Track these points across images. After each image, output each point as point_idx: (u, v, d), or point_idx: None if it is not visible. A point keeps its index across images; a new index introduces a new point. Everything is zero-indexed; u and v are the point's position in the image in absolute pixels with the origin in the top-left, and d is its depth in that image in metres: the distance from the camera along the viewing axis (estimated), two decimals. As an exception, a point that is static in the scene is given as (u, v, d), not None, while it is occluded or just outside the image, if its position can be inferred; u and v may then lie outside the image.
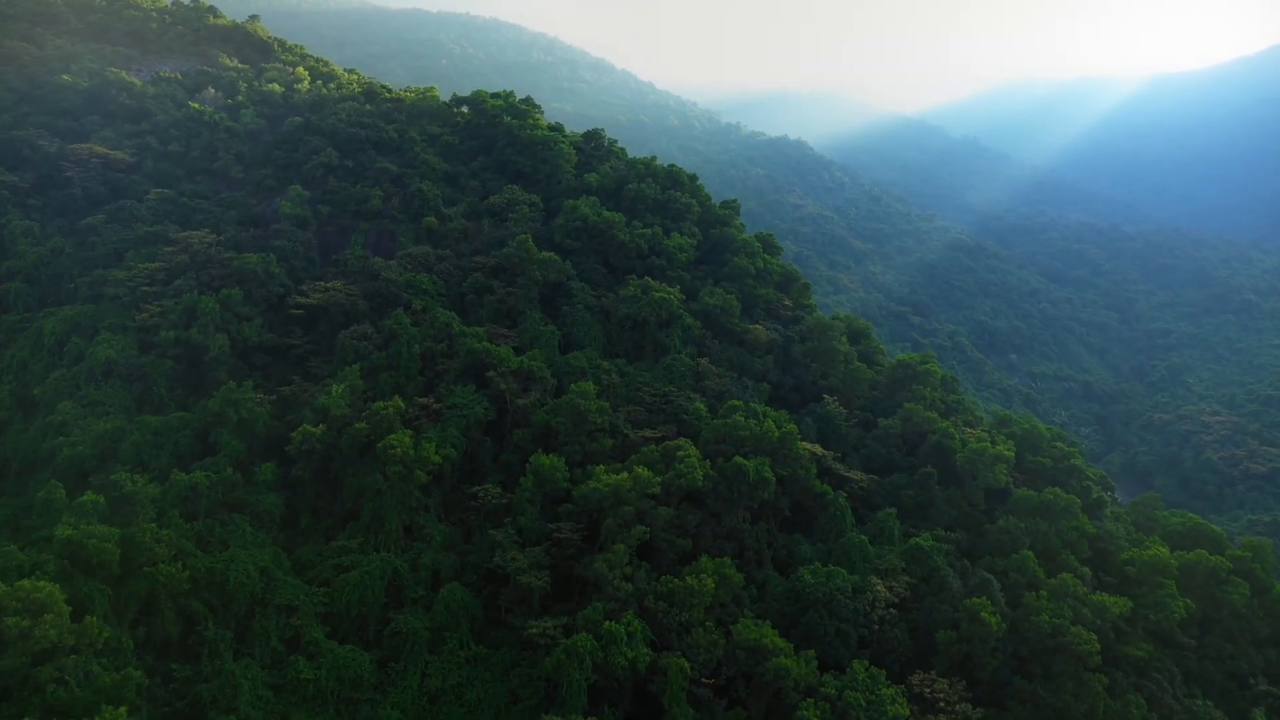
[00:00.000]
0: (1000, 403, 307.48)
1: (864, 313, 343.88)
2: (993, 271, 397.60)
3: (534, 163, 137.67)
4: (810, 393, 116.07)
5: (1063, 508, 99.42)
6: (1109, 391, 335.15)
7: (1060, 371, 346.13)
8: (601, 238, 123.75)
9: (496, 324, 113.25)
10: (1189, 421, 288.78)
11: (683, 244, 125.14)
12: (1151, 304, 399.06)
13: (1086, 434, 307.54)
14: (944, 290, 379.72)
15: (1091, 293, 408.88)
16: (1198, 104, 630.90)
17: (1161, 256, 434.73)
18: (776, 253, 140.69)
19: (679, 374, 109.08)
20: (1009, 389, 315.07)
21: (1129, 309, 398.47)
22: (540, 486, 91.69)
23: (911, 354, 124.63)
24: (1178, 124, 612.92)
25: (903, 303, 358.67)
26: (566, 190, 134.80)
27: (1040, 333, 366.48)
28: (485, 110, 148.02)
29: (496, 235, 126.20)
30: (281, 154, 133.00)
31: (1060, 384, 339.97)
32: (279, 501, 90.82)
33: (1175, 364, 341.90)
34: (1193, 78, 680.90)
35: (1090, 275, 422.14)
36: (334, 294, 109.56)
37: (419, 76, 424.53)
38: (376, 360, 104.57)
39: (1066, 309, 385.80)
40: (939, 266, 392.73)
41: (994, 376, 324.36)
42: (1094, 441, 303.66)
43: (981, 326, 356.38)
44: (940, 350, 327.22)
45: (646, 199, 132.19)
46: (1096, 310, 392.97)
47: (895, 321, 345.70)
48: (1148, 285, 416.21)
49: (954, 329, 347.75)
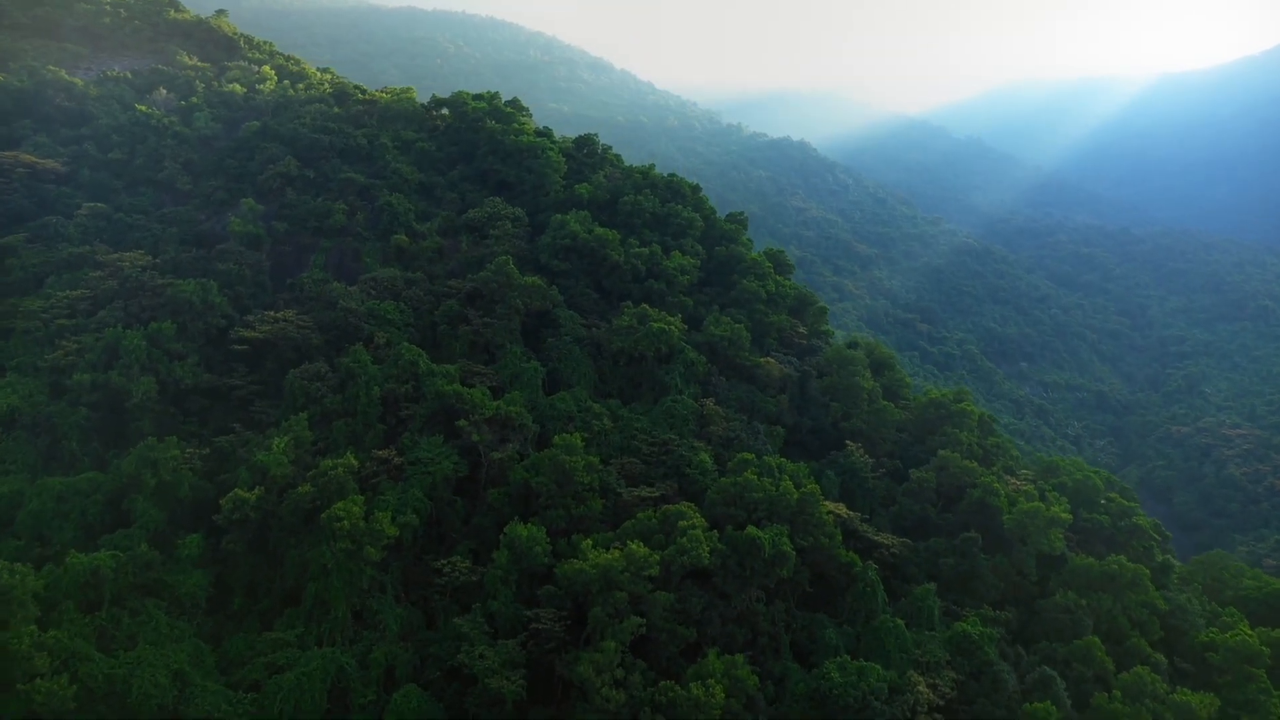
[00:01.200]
0: (1012, 414, 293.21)
1: (870, 321, 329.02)
2: (1001, 277, 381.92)
3: (519, 172, 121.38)
4: (830, 437, 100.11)
5: (1129, 580, 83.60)
6: (1123, 402, 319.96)
7: (1072, 380, 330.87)
8: (593, 258, 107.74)
9: (472, 359, 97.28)
10: (1209, 435, 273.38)
11: (684, 265, 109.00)
12: (1164, 310, 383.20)
13: (1101, 446, 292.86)
14: (951, 296, 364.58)
15: (1102, 298, 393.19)
16: (1203, 104, 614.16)
17: (1173, 260, 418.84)
18: (788, 271, 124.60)
19: (680, 418, 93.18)
20: (1020, 400, 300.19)
21: (1141, 315, 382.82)
22: (516, 562, 75.92)
23: (943, 390, 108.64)
24: (1183, 124, 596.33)
25: (910, 309, 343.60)
26: (554, 203, 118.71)
27: (1051, 340, 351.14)
28: (466, 113, 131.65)
29: (475, 254, 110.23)
30: (235, 163, 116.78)
31: (1073, 394, 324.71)
32: (205, 581, 75.08)
33: (1192, 373, 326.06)
34: (1197, 77, 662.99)
35: (1100, 280, 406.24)
36: (284, 326, 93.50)
37: (413, 76, 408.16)
38: (330, 405, 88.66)
39: (1077, 315, 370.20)
40: (946, 271, 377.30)
41: (1005, 386, 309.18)
42: (1109, 455, 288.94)
43: (991, 334, 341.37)
44: (949, 359, 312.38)
45: (644, 213, 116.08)
46: (1108, 316, 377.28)
47: (903, 329, 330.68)
48: (1159, 290, 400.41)
49: (962, 336, 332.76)
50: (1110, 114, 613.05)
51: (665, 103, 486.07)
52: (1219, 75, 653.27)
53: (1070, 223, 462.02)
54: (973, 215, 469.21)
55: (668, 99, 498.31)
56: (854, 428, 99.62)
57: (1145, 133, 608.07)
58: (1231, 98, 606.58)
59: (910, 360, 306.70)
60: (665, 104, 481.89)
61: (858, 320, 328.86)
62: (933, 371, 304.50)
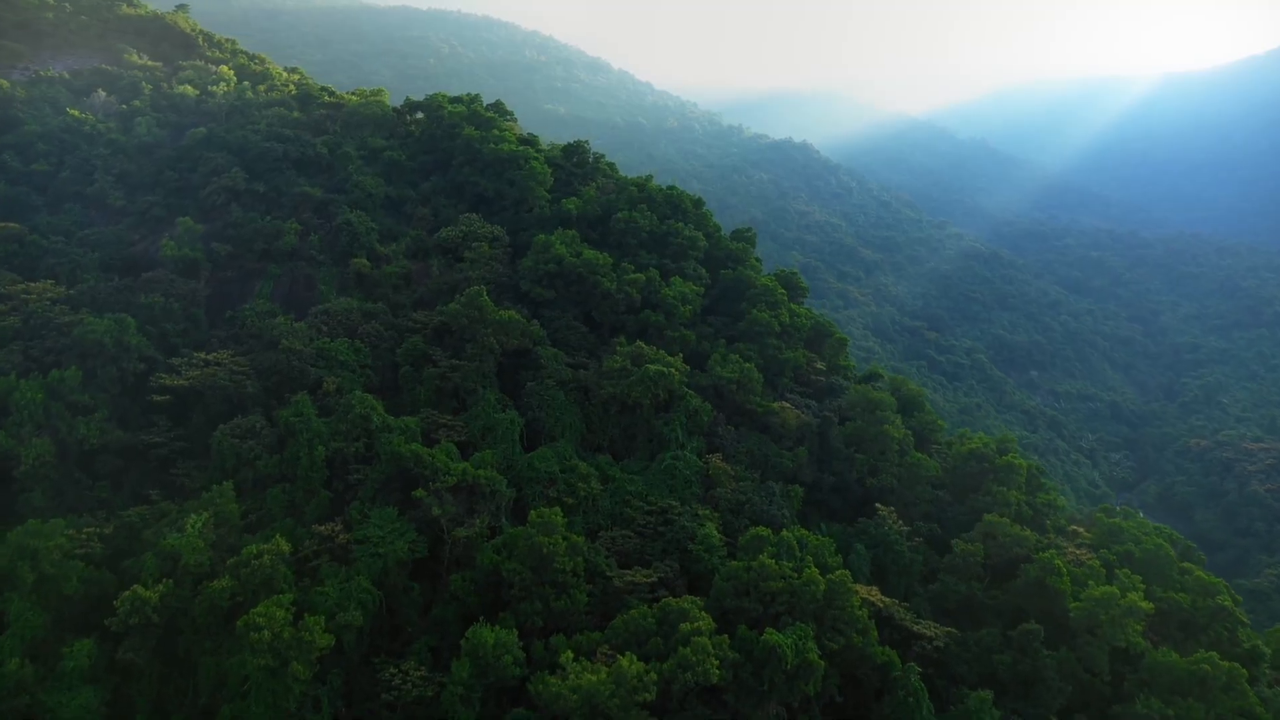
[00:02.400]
0: (1024, 426, 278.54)
1: (877, 329, 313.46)
2: (1009, 282, 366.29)
3: (499, 185, 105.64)
4: (855, 496, 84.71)
5: (1223, 683, 68.24)
6: (1138, 412, 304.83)
7: (1085, 390, 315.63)
8: (581, 285, 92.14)
9: (439, 407, 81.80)
10: (1230, 449, 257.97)
11: (686, 293, 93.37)
12: (1177, 316, 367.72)
13: (1117, 460, 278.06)
14: (959, 302, 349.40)
15: (1113, 304, 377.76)
16: (1208, 105, 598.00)
17: (1184, 265, 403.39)
18: (802, 295, 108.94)
19: (682, 478, 77.80)
20: (1032, 411, 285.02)
21: (1153, 321, 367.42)
22: (480, 674, 60.53)
23: (983, 437, 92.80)
24: (1188, 125, 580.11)
25: (917, 317, 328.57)
26: (539, 220, 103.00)
27: (1062, 348, 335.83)
28: (441, 118, 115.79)
29: (447, 280, 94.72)
30: (176, 175, 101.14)
31: (1085, 404, 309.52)
32: (98, 700, 59.77)
33: (1209, 383, 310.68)
34: (1201, 78, 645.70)
35: (1111, 285, 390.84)
36: (214, 371, 77.95)
37: (405, 77, 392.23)
38: (265, 468, 73.25)
39: (1088, 322, 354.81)
40: (953, 277, 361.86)
41: (1016, 397, 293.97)
42: (1125, 469, 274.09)
43: (1000, 341, 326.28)
44: (958, 369, 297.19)
45: (639, 232, 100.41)
46: (1119, 323, 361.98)
47: (910, 337, 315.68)
48: (1171, 296, 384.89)
49: (971, 345, 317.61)
50: (1114, 115, 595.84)
51: (664, 103, 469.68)
52: (1223, 75, 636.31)
53: (1078, 226, 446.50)
54: (978, 218, 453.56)
55: (667, 99, 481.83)
56: (883, 485, 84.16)
57: (1149, 134, 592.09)
58: (1237, 98, 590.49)
59: (918, 370, 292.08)
60: (664, 105, 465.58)
61: (864, 329, 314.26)
62: (941, 382, 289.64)
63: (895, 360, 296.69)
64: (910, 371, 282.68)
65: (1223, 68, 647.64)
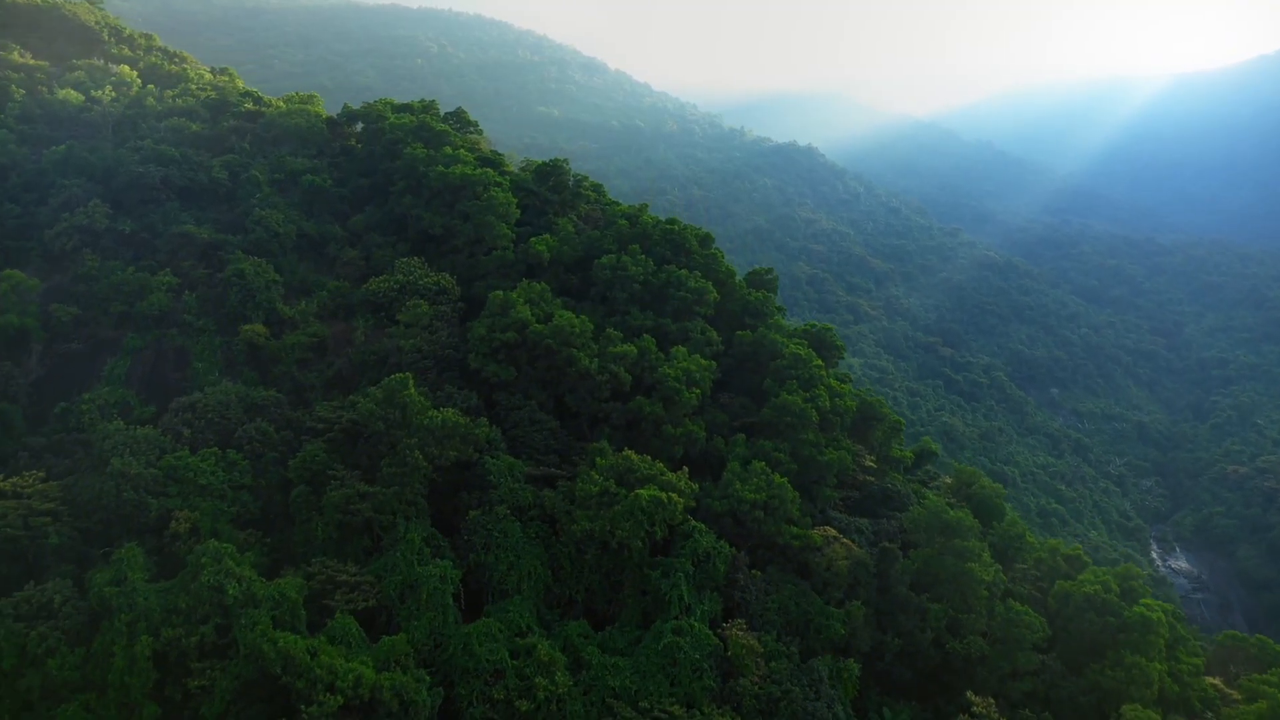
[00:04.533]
0: (1049, 450, 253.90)
1: (889, 345, 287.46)
2: (1026, 293, 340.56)
3: (449, 219, 78.98)
4: (930, 663, 58.66)
5: None
6: (1166, 433, 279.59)
7: (1109, 409, 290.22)
8: (550, 361, 65.94)
9: (342, 551, 55.87)
10: (1271, 477, 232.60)
11: (693, 371, 66.92)
12: (1201, 328, 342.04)
13: (1148, 488, 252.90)
14: (973, 315, 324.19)
15: (1133, 315, 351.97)
16: (1218, 105, 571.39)
17: (1206, 273, 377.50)
18: (837, 355, 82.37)
19: (688, 664, 51.84)
20: (1056, 434, 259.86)
21: (1176, 334, 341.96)
22: None
23: (1099, 573, 65.71)
24: (1198, 126, 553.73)
25: (930, 331, 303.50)
26: (500, 266, 76.53)
27: (1083, 363, 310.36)
28: (382, 132, 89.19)
29: (375, 349, 68.72)
30: (17, 210, 74.90)
31: (1110, 424, 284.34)
32: None
33: (1242, 403, 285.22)
34: (1210, 78, 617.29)
35: (1130, 295, 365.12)
36: (7, 509, 52.00)
37: (392, 78, 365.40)
38: (61, 671, 47.40)
39: (1109, 335, 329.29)
40: (967, 288, 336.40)
41: (1038, 419, 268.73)
42: (1157, 498, 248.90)
43: (1018, 357, 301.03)
44: (976, 388, 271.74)
45: (631, 283, 73.95)
46: (1141, 336, 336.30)
47: (924, 354, 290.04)
48: (1194, 306, 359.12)
49: (989, 361, 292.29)
50: (1122, 116, 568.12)
51: (663, 105, 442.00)
52: (1232, 75, 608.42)
53: (1091, 231, 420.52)
54: (988, 224, 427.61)
55: (666, 101, 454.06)
56: (970, 652, 58.08)
57: (1157, 135, 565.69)
58: (1248, 98, 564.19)
59: (934, 391, 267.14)
60: (663, 107, 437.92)
61: (875, 345, 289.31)
62: (959, 403, 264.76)
63: (910, 379, 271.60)
64: (926, 392, 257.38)
65: (1231, 67, 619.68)
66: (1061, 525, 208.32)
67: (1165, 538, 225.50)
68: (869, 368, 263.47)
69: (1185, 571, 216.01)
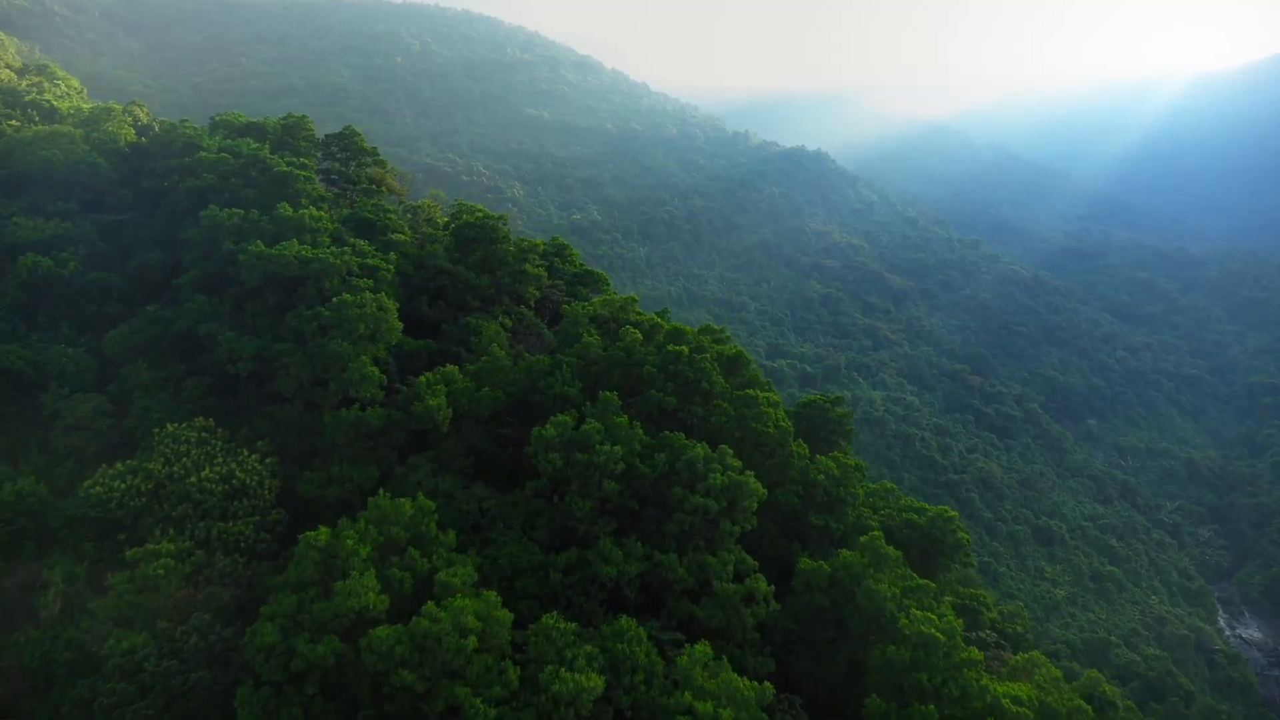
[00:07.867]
0: (1094, 497, 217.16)
1: (912, 374, 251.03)
2: (1055, 311, 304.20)
3: (269, 345, 42.22)
4: None
5: None
6: (1219, 472, 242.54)
7: (1154, 444, 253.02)
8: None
9: None
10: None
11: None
12: (1246, 350, 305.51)
13: (1206, 538, 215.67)
14: (1001, 337, 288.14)
15: (1170, 335, 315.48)
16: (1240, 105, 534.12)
17: (1245, 288, 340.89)
18: (962, 561, 45.96)
19: None
20: (1100, 475, 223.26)
21: (1219, 356, 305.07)
22: None
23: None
24: (1220, 128, 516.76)
25: (955, 356, 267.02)
26: (354, 435, 39.74)
27: (1121, 390, 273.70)
28: (192, 172, 52.00)
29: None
30: None
31: (1156, 461, 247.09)
32: None
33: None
34: (1230, 77, 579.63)
35: (1165, 312, 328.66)
36: None
37: (368, 78, 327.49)
38: None
39: (1147, 358, 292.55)
40: (993, 306, 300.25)
41: (1078, 457, 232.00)
42: (1217, 550, 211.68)
43: (1051, 385, 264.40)
44: (1009, 422, 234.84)
45: (598, 480, 36.66)
46: (1181, 359, 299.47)
47: (950, 383, 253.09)
48: (1235, 325, 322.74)
49: (1020, 391, 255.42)
50: (1141, 118, 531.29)
51: (662, 107, 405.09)
52: (1252, 74, 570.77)
53: (1117, 242, 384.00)
54: (1006, 233, 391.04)
55: (665, 103, 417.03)
56: None
57: (1176, 137, 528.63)
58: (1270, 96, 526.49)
59: (964, 427, 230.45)
60: (662, 109, 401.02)
61: (898, 375, 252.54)
62: (992, 440, 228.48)
63: (937, 414, 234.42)
64: (956, 430, 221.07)
65: (1250, 65, 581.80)
66: (1118, 591, 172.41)
67: (1231, 599, 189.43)
68: (893, 402, 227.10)
69: (1258, 642, 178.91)
